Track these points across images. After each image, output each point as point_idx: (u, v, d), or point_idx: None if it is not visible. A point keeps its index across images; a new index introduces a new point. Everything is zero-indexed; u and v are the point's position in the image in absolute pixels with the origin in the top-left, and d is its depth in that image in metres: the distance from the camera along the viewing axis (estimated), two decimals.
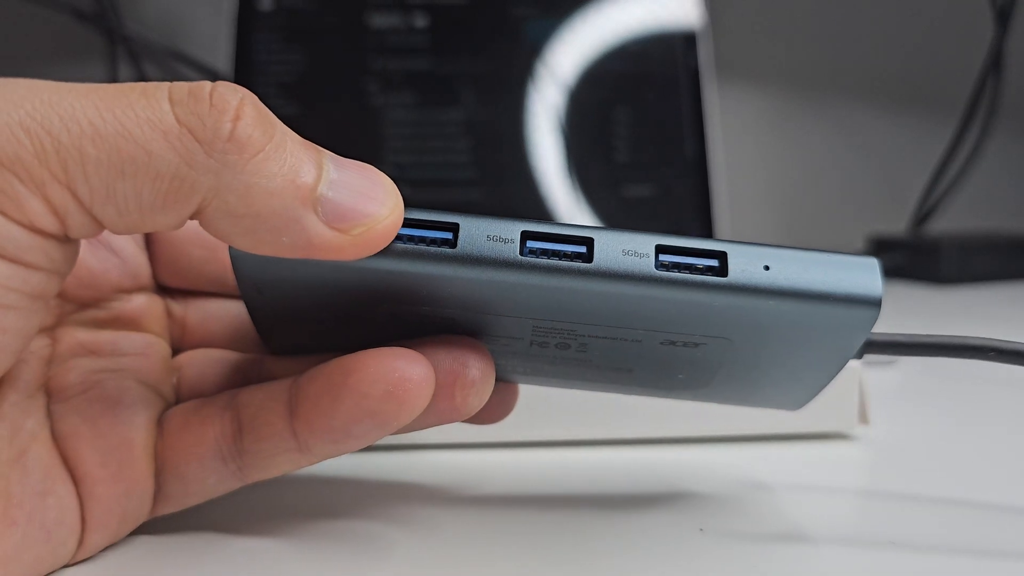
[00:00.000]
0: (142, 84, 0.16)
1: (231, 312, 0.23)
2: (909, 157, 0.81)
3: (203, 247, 0.22)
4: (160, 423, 0.21)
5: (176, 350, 0.23)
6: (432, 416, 0.20)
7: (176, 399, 0.22)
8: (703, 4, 0.60)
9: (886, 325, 0.46)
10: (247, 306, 0.21)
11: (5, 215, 0.15)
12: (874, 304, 0.19)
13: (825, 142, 0.83)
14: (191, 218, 0.17)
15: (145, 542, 0.21)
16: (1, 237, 0.15)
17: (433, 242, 0.18)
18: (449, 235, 0.18)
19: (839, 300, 0.19)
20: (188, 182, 0.16)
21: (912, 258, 0.69)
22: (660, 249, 0.19)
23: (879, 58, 0.83)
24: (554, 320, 0.20)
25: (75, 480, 0.19)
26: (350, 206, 0.17)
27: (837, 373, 0.22)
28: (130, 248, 0.21)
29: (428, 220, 0.18)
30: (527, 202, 0.57)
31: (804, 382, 0.22)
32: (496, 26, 0.59)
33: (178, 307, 0.23)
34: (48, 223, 0.16)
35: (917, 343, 0.23)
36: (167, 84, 0.16)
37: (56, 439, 0.19)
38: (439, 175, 0.56)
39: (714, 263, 0.19)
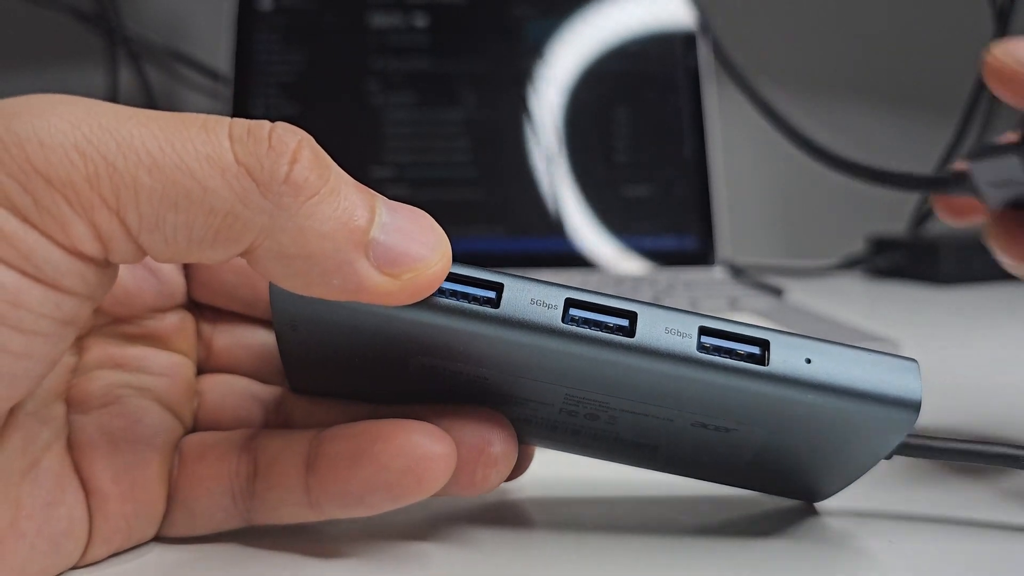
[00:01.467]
0: (203, 117, 0.16)
1: (258, 340, 0.23)
2: (909, 157, 0.81)
3: (238, 273, 0.22)
4: (179, 446, 0.21)
5: (200, 370, 0.23)
6: (451, 489, 0.19)
7: (194, 424, 0.22)
8: (703, 4, 0.60)
9: (887, 325, 0.46)
10: (278, 340, 0.21)
11: (48, 237, 0.15)
12: (914, 408, 0.19)
13: (825, 142, 0.83)
14: (242, 256, 0.17)
15: (157, 548, 0.21)
16: (40, 259, 0.15)
17: (476, 300, 0.18)
18: (493, 294, 0.18)
19: (879, 400, 0.19)
20: (242, 220, 0.16)
21: (911, 258, 0.69)
22: (703, 331, 0.18)
23: (879, 58, 0.83)
24: (588, 391, 0.19)
25: (86, 492, 0.19)
26: (402, 250, 0.17)
27: (865, 472, 0.21)
28: (167, 269, 0.21)
29: (473, 277, 0.18)
30: (527, 203, 0.57)
31: (831, 479, 0.22)
32: (496, 26, 0.59)
33: (207, 328, 0.23)
34: (90, 248, 0.16)
35: (949, 448, 0.22)
36: (227, 120, 0.16)
37: (71, 448, 0.19)
38: (439, 175, 0.56)
39: (756, 351, 0.18)
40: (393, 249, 0.17)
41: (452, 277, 0.18)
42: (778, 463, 0.21)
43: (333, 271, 0.16)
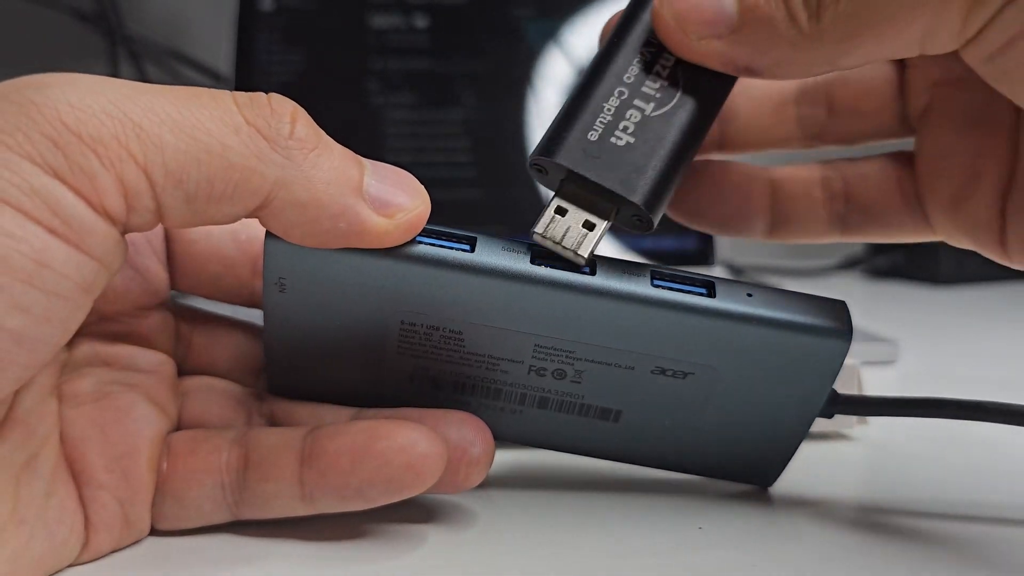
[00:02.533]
0: (208, 89, 0.18)
1: (235, 341, 0.24)
2: None
3: (220, 263, 0.23)
4: (167, 443, 0.21)
5: (179, 370, 0.23)
6: (437, 487, 0.21)
7: (179, 425, 0.23)
8: None
9: (886, 325, 0.46)
10: (264, 310, 0.21)
11: (77, 192, 0.16)
12: (844, 337, 0.21)
13: None
14: (254, 213, 0.18)
15: (156, 542, 0.21)
16: (66, 214, 0.16)
17: (453, 248, 0.20)
18: (467, 246, 0.20)
19: (813, 330, 0.21)
20: (258, 173, 0.18)
21: (910, 258, 0.69)
22: (655, 275, 0.21)
23: None
24: (556, 336, 0.21)
25: (78, 484, 0.20)
26: (391, 197, 0.19)
27: (807, 431, 0.23)
28: (153, 266, 0.22)
29: (449, 232, 0.20)
30: (527, 203, 0.57)
31: (777, 443, 0.23)
32: (496, 26, 0.59)
33: (186, 328, 0.24)
34: (116, 204, 0.17)
35: (882, 401, 0.24)
36: (228, 92, 0.18)
37: (63, 442, 0.20)
38: (439, 175, 0.56)
39: (703, 290, 0.21)
40: (383, 196, 0.19)
41: (431, 233, 0.20)
42: (730, 424, 0.23)
43: (339, 215, 0.18)
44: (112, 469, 0.20)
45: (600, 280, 0.20)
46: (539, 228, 0.20)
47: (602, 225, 0.20)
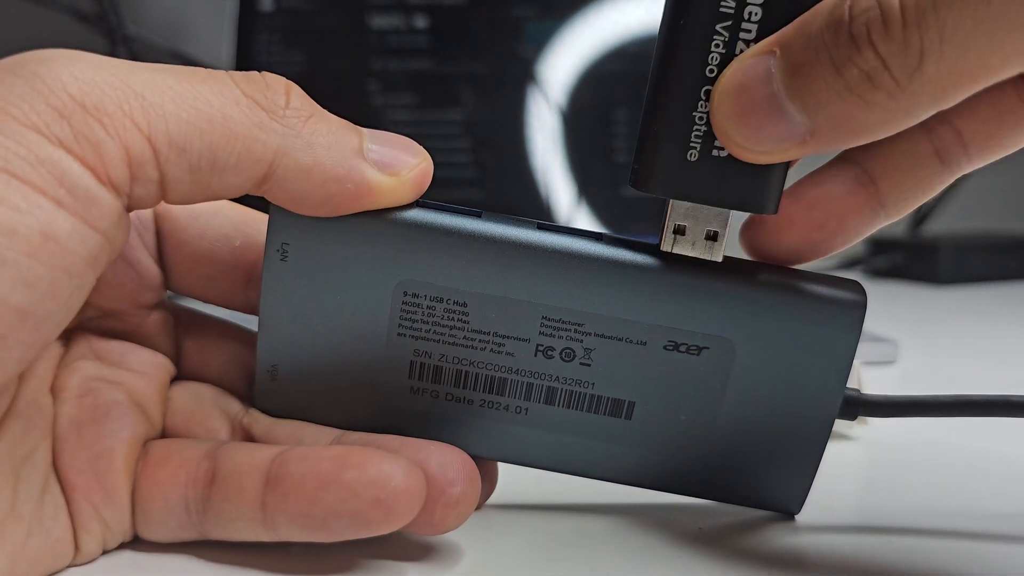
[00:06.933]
0: (204, 68, 0.18)
1: (230, 345, 0.23)
2: None
3: (213, 265, 0.22)
4: (145, 448, 0.21)
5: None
6: (409, 527, 0.19)
7: (162, 431, 0.22)
8: None
9: (886, 325, 0.46)
10: (263, 284, 0.21)
11: (82, 161, 0.16)
12: (859, 307, 0.20)
13: None
14: (260, 187, 0.18)
15: (151, 545, 0.21)
16: (71, 184, 0.16)
17: (461, 216, 0.20)
18: (474, 216, 0.20)
19: (827, 301, 0.20)
20: (260, 142, 0.18)
21: (910, 258, 0.69)
22: (661, 256, 0.20)
23: None
24: (564, 305, 0.20)
25: (61, 483, 0.19)
26: (393, 157, 0.19)
27: (828, 433, 0.22)
28: (144, 259, 0.22)
29: (456, 207, 0.20)
30: (527, 202, 0.57)
31: (798, 448, 0.22)
32: (496, 27, 0.59)
33: (180, 329, 0.23)
34: (120, 173, 0.17)
35: (907, 402, 0.23)
36: (224, 71, 0.18)
37: (52, 439, 0.20)
38: (439, 175, 0.56)
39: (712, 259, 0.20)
40: (385, 157, 0.19)
41: (438, 207, 0.20)
42: (749, 420, 0.22)
43: (345, 176, 0.19)
44: (84, 471, 0.19)
45: (608, 248, 0.20)
46: (665, 247, 0.20)
47: (724, 232, 0.20)
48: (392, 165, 0.19)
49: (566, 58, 0.58)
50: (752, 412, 0.21)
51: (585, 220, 0.57)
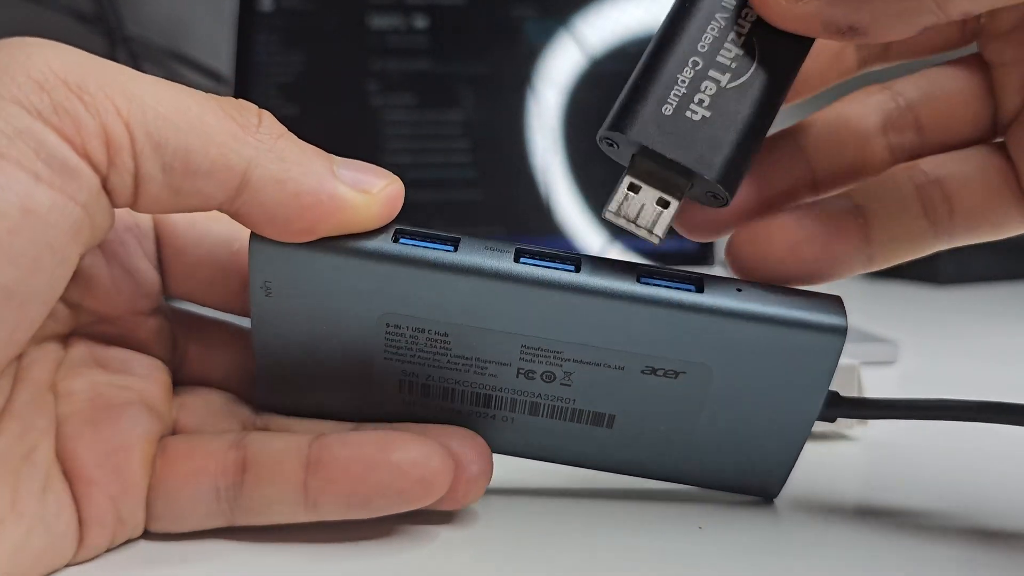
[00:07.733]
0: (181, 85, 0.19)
1: (234, 348, 0.24)
2: None
3: (212, 269, 0.22)
4: (162, 444, 0.21)
5: (174, 379, 0.23)
6: (435, 502, 0.21)
7: (173, 430, 0.22)
8: None
9: (886, 325, 0.46)
10: (252, 319, 0.21)
11: (60, 133, 0.16)
12: (839, 332, 0.20)
13: None
14: (234, 203, 0.19)
15: (152, 542, 0.21)
16: (48, 154, 0.16)
17: (436, 248, 0.20)
18: (450, 246, 0.20)
19: (806, 326, 0.20)
20: (234, 150, 0.18)
21: None
22: (642, 272, 0.20)
23: None
24: (542, 336, 0.21)
25: (70, 480, 0.20)
26: (363, 177, 0.20)
27: (806, 435, 0.22)
28: (143, 266, 0.22)
29: (433, 234, 0.20)
30: (527, 203, 0.57)
31: (776, 447, 0.23)
32: (495, 27, 0.59)
33: (182, 335, 0.23)
34: (98, 151, 0.17)
35: (885, 405, 0.23)
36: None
37: (56, 439, 0.20)
38: (438, 175, 0.56)
39: (691, 287, 0.20)
40: (355, 179, 0.19)
41: (415, 235, 0.20)
42: (727, 428, 0.22)
43: (317, 187, 0.19)
44: (103, 465, 0.20)
45: (585, 277, 0.20)
46: (612, 207, 0.20)
47: (676, 203, 0.20)
48: (362, 183, 0.20)
49: (566, 58, 0.58)
50: (730, 417, 0.22)
51: (585, 221, 0.57)
